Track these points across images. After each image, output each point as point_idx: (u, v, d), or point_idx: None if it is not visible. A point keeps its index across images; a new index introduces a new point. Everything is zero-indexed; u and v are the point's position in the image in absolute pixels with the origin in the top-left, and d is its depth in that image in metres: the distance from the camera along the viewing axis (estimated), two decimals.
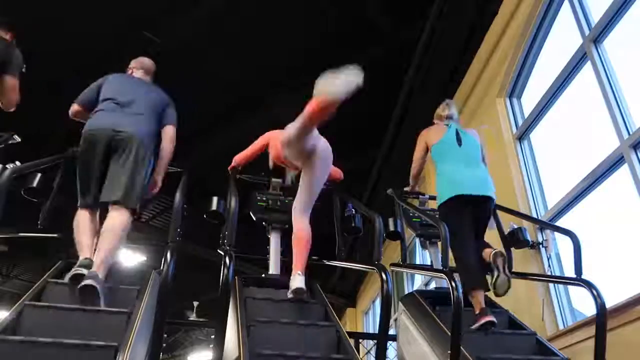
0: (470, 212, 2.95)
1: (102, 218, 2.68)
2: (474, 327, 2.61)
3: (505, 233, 3.53)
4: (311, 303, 2.88)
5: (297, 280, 2.73)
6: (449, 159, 3.13)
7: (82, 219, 2.65)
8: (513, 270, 3.33)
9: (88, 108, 2.94)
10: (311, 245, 2.91)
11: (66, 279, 2.41)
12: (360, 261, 2.94)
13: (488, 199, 2.99)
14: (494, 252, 2.77)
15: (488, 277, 2.83)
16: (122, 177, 2.65)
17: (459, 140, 3.18)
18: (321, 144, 2.92)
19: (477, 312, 2.65)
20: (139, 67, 3.24)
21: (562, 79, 3.83)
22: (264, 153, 3.30)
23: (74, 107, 3.02)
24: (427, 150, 3.32)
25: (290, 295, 2.75)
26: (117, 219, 2.56)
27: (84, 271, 2.31)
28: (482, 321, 2.59)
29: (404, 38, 5.24)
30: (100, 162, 2.70)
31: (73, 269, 2.37)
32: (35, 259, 9.82)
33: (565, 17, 3.95)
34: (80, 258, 2.46)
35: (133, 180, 2.67)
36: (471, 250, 2.84)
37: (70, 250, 2.66)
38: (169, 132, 3.03)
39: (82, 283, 2.21)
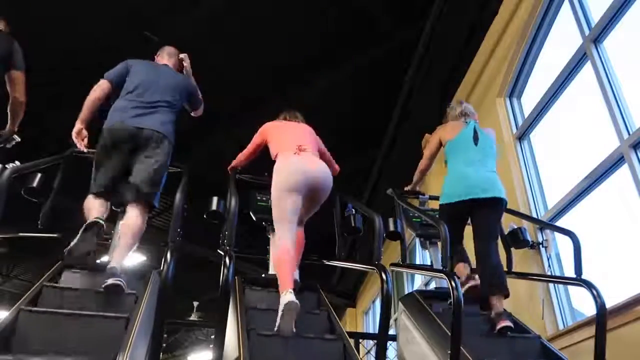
0: (475, 214, 2.95)
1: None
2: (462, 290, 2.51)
3: (505, 233, 3.53)
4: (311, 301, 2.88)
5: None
6: (463, 158, 3.06)
7: (93, 201, 2.66)
8: (513, 270, 3.34)
9: (115, 88, 2.93)
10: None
11: (80, 231, 2.41)
12: (360, 261, 2.94)
13: (498, 200, 2.95)
14: (501, 326, 2.58)
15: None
16: (149, 175, 2.71)
17: (475, 139, 3.10)
18: (320, 176, 2.85)
19: (462, 279, 2.77)
20: (162, 53, 3.33)
21: (562, 79, 3.83)
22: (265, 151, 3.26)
23: (105, 84, 2.92)
24: (439, 146, 3.26)
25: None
26: (139, 218, 2.67)
27: (99, 220, 2.45)
28: (468, 285, 2.75)
29: (404, 38, 5.24)
30: (123, 157, 2.74)
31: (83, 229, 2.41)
32: (35, 259, 9.82)
33: (565, 17, 3.95)
34: (88, 220, 2.49)
35: (159, 177, 2.77)
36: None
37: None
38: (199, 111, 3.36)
39: (107, 283, 2.34)
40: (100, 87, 2.90)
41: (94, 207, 2.61)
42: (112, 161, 2.73)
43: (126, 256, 2.53)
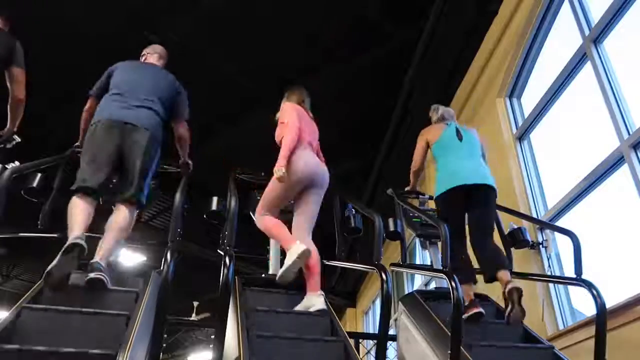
0: (469, 203, 2.97)
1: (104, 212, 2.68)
2: (464, 316, 2.56)
3: (505, 233, 3.53)
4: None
5: (320, 302, 2.67)
6: (450, 153, 3.16)
7: (77, 204, 2.49)
8: (513, 270, 3.34)
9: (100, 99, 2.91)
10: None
11: (60, 253, 2.21)
12: (360, 261, 2.93)
13: (487, 187, 3.00)
14: (509, 288, 2.63)
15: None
16: (135, 174, 2.64)
17: (459, 136, 3.21)
18: (320, 173, 2.95)
19: (466, 303, 2.67)
20: (152, 52, 3.24)
21: (562, 79, 3.83)
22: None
23: (92, 100, 2.91)
24: (427, 147, 3.34)
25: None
26: (126, 212, 2.59)
27: (79, 241, 2.21)
28: (472, 312, 2.64)
29: (404, 38, 5.24)
30: (110, 152, 2.64)
31: (67, 244, 2.22)
32: (35, 259, 9.81)
33: (565, 17, 3.95)
34: (70, 238, 2.28)
35: (145, 176, 2.69)
36: (461, 246, 2.90)
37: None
38: (184, 128, 3.06)
39: (89, 276, 2.26)
40: (86, 109, 2.93)
41: (77, 218, 2.42)
42: (98, 158, 2.63)
43: (112, 252, 2.48)
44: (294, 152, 2.85)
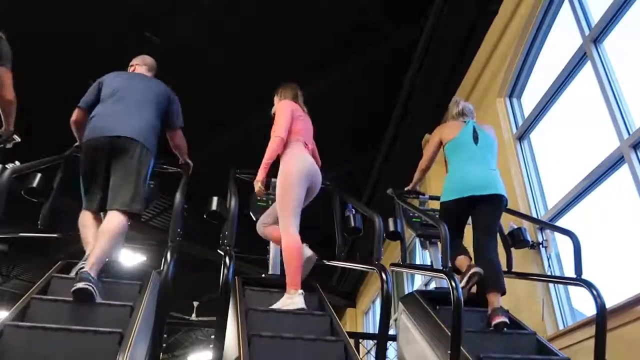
0: (477, 211, 2.96)
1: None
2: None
3: (505, 233, 3.53)
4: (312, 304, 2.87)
5: (300, 300, 2.60)
6: (463, 157, 3.08)
7: (86, 218, 2.75)
8: (513, 270, 3.34)
9: (91, 108, 2.90)
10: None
11: (72, 273, 2.53)
12: (360, 261, 2.94)
13: (498, 196, 2.97)
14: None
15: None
16: (126, 184, 2.65)
17: (475, 138, 3.12)
18: (316, 178, 2.96)
19: (463, 270, 2.72)
20: (142, 63, 3.23)
21: (562, 79, 3.83)
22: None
23: (79, 112, 2.93)
24: (440, 146, 3.27)
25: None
26: (115, 219, 2.57)
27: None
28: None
29: (404, 38, 5.24)
30: (102, 169, 2.71)
31: (79, 264, 2.53)
32: (35, 259, 9.83)
33: (565, 17, 3.95)
34: (87, 253, 2.56)
35: (137, 185, 2.68)
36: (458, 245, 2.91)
37: (70, 250, 2.68)
38: (179, 137, 3.14)
39: (76, 287, 2.19)
40: (73, 120, 2.95)
41: (90, 230, 2.70)
42: (93, 175, 2.73)
43: (102, 262, 2.41)
44: (288, 151, 2.92)
